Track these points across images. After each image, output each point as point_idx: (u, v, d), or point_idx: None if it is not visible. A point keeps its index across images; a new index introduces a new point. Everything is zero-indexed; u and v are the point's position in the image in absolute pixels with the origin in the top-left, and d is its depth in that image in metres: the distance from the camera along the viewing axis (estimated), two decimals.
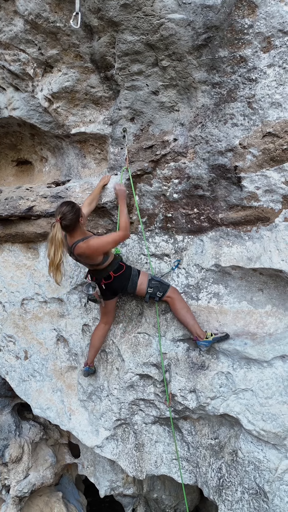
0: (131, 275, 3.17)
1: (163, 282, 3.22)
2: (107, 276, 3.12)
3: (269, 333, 2.99)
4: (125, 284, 3.18)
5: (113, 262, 3.13)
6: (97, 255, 2.92)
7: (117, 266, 3.14)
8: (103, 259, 3.01)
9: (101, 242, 2.90)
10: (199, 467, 3.44)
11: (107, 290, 3.23)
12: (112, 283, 3.16)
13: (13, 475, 5.32)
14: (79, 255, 2.91)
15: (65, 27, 2.91)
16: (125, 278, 3.16)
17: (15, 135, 4.12)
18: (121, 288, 3.23)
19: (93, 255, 2.90)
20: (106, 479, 5.03)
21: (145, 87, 2.97)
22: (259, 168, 2.77)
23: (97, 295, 3.16)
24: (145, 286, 3.17)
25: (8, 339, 4.61)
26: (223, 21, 2.55)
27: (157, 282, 3.19)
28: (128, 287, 3.19)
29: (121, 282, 3.17)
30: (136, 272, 3.21)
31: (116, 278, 3.14)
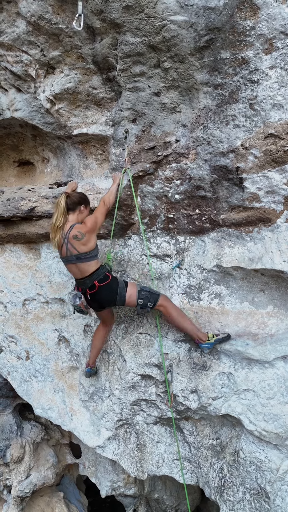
0: (118, 288, 3.06)
1: (152, 291, 3.13)
2: (91, 285, 3.05)
3: (271, 334, 3.00)
4: (113, 298, 3.08)
5: (99, 270, 3.07)
6: (91, 233, 2.99)
7: (103, 276, 3.07)
8: (94, 248, 3.06)
9: (93, 217, 3.04)
10: (201, 468, 3.44)
11: (93, 302, 3.16)
12: (96, 294, 3.08)
13: (15, 475, 5.33)
14: (75, 236, 2.96)
15: (67, 29, 2.92)
16: (111, 290, 3.06)
17: (17, 136, 4.13)
18: (108, 302, 3.15)
19: (89, 233, 2.97)
20: (107, 479, 5.04)
21: (147, 88, 2.97)
22: (261, 169, 2.78)
23: (83, 305, 3.11)
24: (135, 298, 3.07)
25: (10, 339, 4.61)
26: (225, 23, 2.56)
27: (147, 292, 3.10)
28: (117, 301, 3.09)
29: (107, 295, 3.08)
30: (123, 284, 3.10)
31: (101, 289, 3.05)
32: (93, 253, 3.07)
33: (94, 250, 3.08)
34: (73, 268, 3.11)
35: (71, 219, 3.07)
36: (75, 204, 3.08)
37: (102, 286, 3.05)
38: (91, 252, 3.04)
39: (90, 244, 3.03)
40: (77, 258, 3.03)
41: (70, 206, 3.07)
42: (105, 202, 3.15)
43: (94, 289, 3.05)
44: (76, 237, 2.98)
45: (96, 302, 3.16)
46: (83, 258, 3.03)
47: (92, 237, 3.03)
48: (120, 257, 3.69)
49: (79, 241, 2.98)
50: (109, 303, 3.19)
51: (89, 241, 3.02)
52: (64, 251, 3.06)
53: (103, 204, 3.14)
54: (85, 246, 3.00)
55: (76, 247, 2.99)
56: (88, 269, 3.05)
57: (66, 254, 3.07)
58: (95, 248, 3.11)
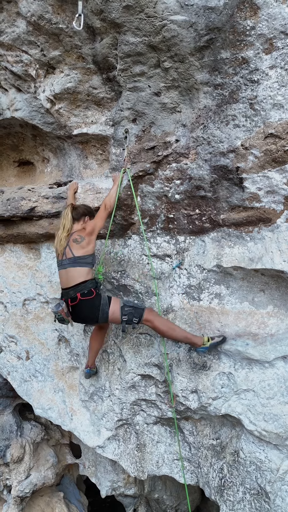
0: (100, 305, 2.99)
1: (136, 306, 3.06)
2: (74, 297, 2.99)
3: (271, 334, 3.00)
4: (95, 315, 3.00)
5: (86, 283, 3.01)
6: (90, 236, 3.07)
7: (87, 290, 2.99)
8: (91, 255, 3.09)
9: (92, 222, 3.15)
10: (201, 468, 3.44)
11: (74, 315, 3.08)
12: (77, 307, 3.01)
13: (15, 475, 5.33)
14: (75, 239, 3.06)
15: (67, 29, 2.92)
16: (93, 306, 2.99)
17: (17, 136, 4.13)
18: (89, 318, 3.10)
19: (90, 233, 3.07)
20: (107, 480, 5.04)
21: (147, 88, 2.97)
22: (261, 169, 2.78)
23: (64, 313, 2.99)
24: (119, 315, 3.00)
25: (10, 339, 4.62)
26: (225, 23, 2.56)
27: (130, 308, 3.02)
28: (99, 318, 3.01)
29: (88, 311, 3.01)
30: (107, 300, 3.02)
31: (82, 303, 2.98)
32: (88, 259, 3.07)
33: (90, 256, 3.08)
34: (63, 275, 3.09)
35: (75, 228, 3.16)
36: (80, 215, 3.21)
37: (84, 300, 2.97)
38: (86, 257, 3.05)
39: (88, 248, 3.05)
40: (70, 262, 3.03)
41: (75, 217, 3.19)
42: (106, 206, 3.19)
43: (75, 301, 2.98)
44: (76, 240, 3.06)
45: (77, 316, 3.08)
46: (76, 262, 3.02)
47: (91, 240, 3.07)
48: (120, 257, 3.69)
49: (78, 244, 3.04)
50: (91, 320, 3.12)
51: (88, 245, 3.05)
52: (61, 255, 3.09)
53: (104, 208, 3.18)
54: (83, 249, 3.04)
55: (73, 250, 3.04)
56: (76, 277, 3.00)
57: (61, 258, 3.09)
58: (92, 255, 3.11)
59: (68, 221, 3.13)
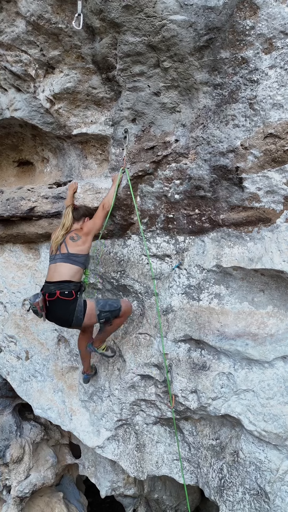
0: (75, 311, 2.93)
1: (113, 309, 3.04)
2: (52, 293, 2.93)
3: (271, 334, 2.99)
4: (68, 318, 2.96)
5: (71, 283, 2.97)
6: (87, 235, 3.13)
7: (68, 291, 2.94)
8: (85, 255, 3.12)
9: (91, 222, 3.22)
10: (200, 468, 3.44)
11: (49, 315, 3.01)
12: (52, 305, 2.95)
13: (14, 475, 5.32)
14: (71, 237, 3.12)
15: (67, 28, 2.92)
16: (67, 309, 2.94)
17: (16, 135, 4.13)
18: (62, 321, 3.04)
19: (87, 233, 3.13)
20: (107, 480, 5.04)
21: (147, 88, 2.97)
22: (261, 169, 2.77)
23: (39, 306, 2.93)
24: (95, 320, 3.04)
25: (9, 339, 4.61)
26: (225, 23, 2.56)
27: (107, 312, 3.02)
28: (73, 323, 2.98)
29: (62, 312, 2.96)
30: (82, 307, 2.97)
31: (58, 301, 2.92)
32: (81, 259, 3.07)
33: (84, 256, 3.09)
34: (52, 269, 3.07)
35: (74, 227, 3.25)
36: (81, 215, 3.30)
37: (61, 300, 2.92)
38: (79, 256, 3.06)
39: (83, 247, 3.08)
40: (63, 257, 3.04)
41: (76, 217, 3.27)
42: (105, 206, 3.24)
43: (53, 297, 2.93)
44: (72, 238, 3.11)
45: (50, 315, 3.02)
46: (68, 258, 3.03)
47: (87, 240, 3.11)
48: (119, 257, 3.68)
49: (74, 242, 3.08)
50: (64, 323, 3.07)
51: (83, 244, 3.09)
52: (55, 250, 3.10)
53: (102, 208, 3.23)
54: (78, 247, 3.06)
55: (68, 246, 3.07)
56: (64, 273, 2.98)
57: (55, 253, 3.10)
58: (86, 256, 3.12)
59: (69, 221, 3.20)
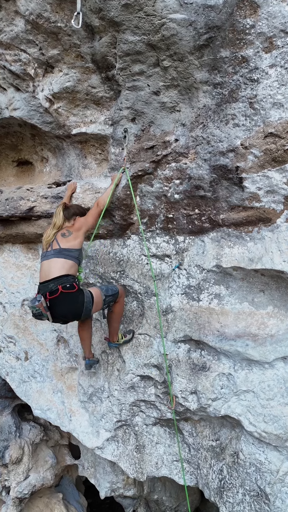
0: (84, 302, 2.92)
1: (114, 293, 3.21)
2: (54, 290, 2.86)
3: (271, 335, 2.98)
4: (78, 311, 2.94)
5: (69, 277, 2.94)
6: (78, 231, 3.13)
7: (70, 284, 2.89)
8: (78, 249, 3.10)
9: (83, 219, 3.24)
10: (200, 469, 3.42)
11: (53, 310, 2.91)
12: (57, 301, 2.87)
13: (13, 476, 5.31)
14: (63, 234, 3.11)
15: (66, 27, 2.90)
16: (75, 301, 2.90)
17: (15, 135, 4.11)
18: (72, 314, 3.00)
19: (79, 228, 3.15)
20: (106, 481, 5.02)
21: (146, 87, 2.96)
22: (261, 169, 2.76)
23: (42, 306, 2.84)
24: (101, 306, 3.13)
25: (9, 339, 4.60)
26: (225, 21, 2.54)
27: (110, 296, 3.16)
28: (83, 315, 2.98)
29: (70, 306, 2.91)
30: (90, 298, 2.97)
31: (64, 296, 2.85)
32: (74, 253, 3.05)
33: (76, 250, 3.07)
34: (45, 266, 3.01)
35: (66, 225, 3.23)
36: (71, 214, 3.26)
37: (65, 294, 2.86)
38: (72, 251, 3.04)
39: (74, 242, 3.07)
40: (56, 252, 3.01)
41: (67, 216, 3.25)
42: (99, 204, 3.25)
43: (56, 294, 2.85)
44: (64, 234, 3.11)
45: (57, 313, 2.93)
46: (61, 253, 3.00)
47: (78, 235, 3.10)
48: (119, 257, 3.67)
49: (65, 238, 3.08)
50: (74, 316, 3.03)
51: (75, 239, 3.08)
52: (47, 247, 3.10)
53: (96, 206, 3.26)
54: (69, 243, 3.05)
55: (59, 242, 3.06)
56: (59, 269, 2.93)
57: (47, 249, 3.09)
58: (79, 250, 3.10)
59: (60, 220, 3.18)
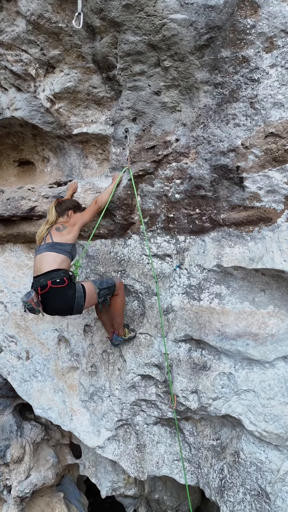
0: (75, 297, 2.88)
1: (110, 285, 3.13)
2: (44, 285, 2.85)
3: (271, 334, 2.98)
4: (69, 305, 2.90)
5: (59, 271, 2.90)
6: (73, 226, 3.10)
7: (60, 279, 2.86)
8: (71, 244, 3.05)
9: (79, 214, 3.22)
10: (201, 468, 3.43)
11: (47, 307, 2.92)
12: (48, 296, 2.86)
13: (15, 475, 5.32)
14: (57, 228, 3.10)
15: (67, 28, 2.91)
16: (65, 297, 2.87)
17: (17, 135, 4.12)
18: (62, 310, 2.97)
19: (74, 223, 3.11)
20: (107, 480, 5.03)
21: (147, 87, 2.96)
22: (262, 169, 2.76)
23: (33, 302, 2.83)
24: (96, 300, 3.05)
25: (10, 339, 4.61)
26: (226, 21, 2.55)
27: (106, 289, 3.09)
28: (74, 310, 2.93)
29: (60, 301, 2.89)
30: (82, 293, 2.92)
31: (53, 291, 2.83)
32: (67, 248, 3.01)
33: (69, 245, 3.04)
34: (38, 260, 3.01)
35: (60, 221, 3.21)
36: (64, 209, 3.23)
37: (55, 289, 2.83)
38: (65, 245, 3.01)
39: (68, 237, 3.05)
40: (48, 246, 3.00)
41: (59, 211, 3.23)
42: (97, 201, 3.22)
43: (45, 289, 2.84)
44: (58, 228, 3.10)
45: (48, 307, 2.92)
46: (53, 247, 2.98)
47: (72, 230, 3.08)
48: (120, 257, 3.68)
49: (59, 232, 3.07)
50: (64, 312, 2.99)
51: (68, 233, 3.06)
52: (40, 241, 3.10)
53: (94, 203, 3.21)
54: (62, 237, 3.03)
55: (53, 236, 3.05)
56: (50, 263, 2.91)
57: (40, 244, 3.09)
58: (72, 245, 3.06)
59: (52, 216, 3.17)
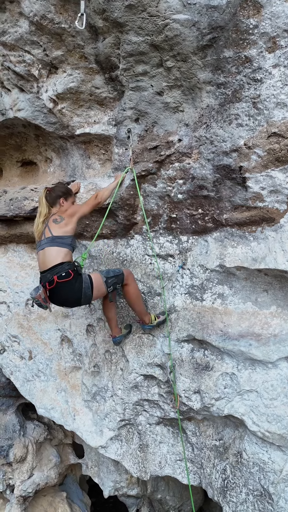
0: (82, 288, 2.88)
1: (117, 274, 3.09)
2: (51, 280, 2.86)
3: (274, 334, 2.98)
4: (77, 297, 2.91)
5: (63, 264, 2.90)
6: (71, 217, 3.03)
7: (65, 272, 2.86)
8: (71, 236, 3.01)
9: (76, 206, 3.17)
10: (204, 468, 3.43)
11: (55, 299, 2.95)
12: (55, 291, 2.88)
13: (18, 475, 5.33)
14: (54, 219, 3.03)
15: (70, 28, 2.92)
16: (72, 289, 2.88)
17: (20, 136, 4.13)
18: (70, 302, 3.00)
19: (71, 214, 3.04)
20: (110, 480, 5.03)
21: (150, 87, 2.97)
22: (264, 169, 2.76)
23: (41, 298, 2.85)
24: (104, 291, 3.03)
25: (13, 339, 4.62)
26: (228, 22, 2.55)
27: (113, 277, 3.05)
28: (82, 301, 2.94)
29: (68, 294, 2.90)
30: (89, 283, 2.92)
31: (60, 286, 2.85)
32: (67, 240, 2.98)
33: (69, 237, 3.00)
34: (41, 256, 3.00)
35: (54, 211, 3.14)
36: (55, 198, 3.15)
37: (62, 283, 2.84)
38: (65, 238, 2.97)
39: (67, 229, 2.99)
40: (48, 241, 2.96)
41: (50, 201, 3.17)
42: (98, 196, 3.15)
43: (52, 285, 2.86)
44: (56, 220, 3.02)
45: (56, 300, 2.96)
46: (54, 242, 2.94)
47: (70, 222, 3.01)
48: (122, 257, 3.68)
49: (57, 224, 3.00)
50: (72, 303, 3.03)
51: (67, 225, 3.00)
52: (40, 235, 3.04)
53: (95, 197, 3.15)
54: (61, 229, 2.98)
55: (52, 229, 2.99)
56: (54, 258, 2.91)
57: (40, 238, 3.04)
58: (72, 237, 3.03)
59: (44, 207, 3.10)
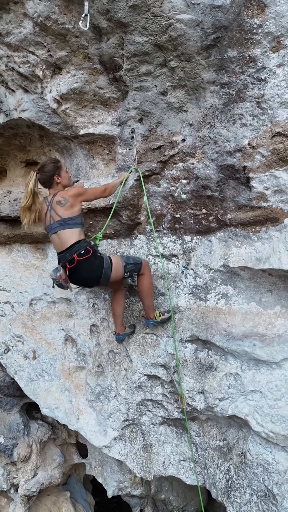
0: (103, 268, 2.92)
1: (136, 261, 3.12)
2: (71, 259, 2.88)
3: (278, 335, 2.97)
4: (96, 275, 2.94)
5: (80, 243, 2.93)
6: (76, 198, 2.96)
7: (84, 250, 2.89)
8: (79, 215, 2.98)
9: (80, 188, 3.07)
10: (207, 469, 3.43)
11: (73, 278, 2.98)
12: (76, 269, 2.91)
13: (22, 474, 5.35)
14: (58, 201, 2.94)
15: (74, 29, 2.93)
16: (92, 267, 2.91)
17: (24, 136, 4.15)
18: (90, 279, 3.01)
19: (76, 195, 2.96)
20: (113, 480, 5.04)
21: (154, 87, 2.97)
22: (268, 169, 2.75)
23: (61, 279, 2.89)
24: (122, 273, 3.03)
25: (17, 339, 4.64)
26: (232, 21, 2.54)
27: (132, 264, 3.07)
28: (101, 280, 2.96)
29: (88, 271, 2.93)
30: (109, 264, 2.96)
31: (80, 263, 2.88)
32: (77, 220, 2.99)
33: (78, 216, 3.00)
34: (56, 239, 3.01)
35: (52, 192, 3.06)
36: (49, 177, 3.05)
37: (82, 261, 2.87)
38: (74, 218, 2.97)
39: (74, 210, 2.97)
40: (60, 224, 2.95)
41: (46, 183, 3.07)
42: (106, 190, 3.16)
43: (73, 263, 2.88)
44: (60, 202, 2.95)
45: (76, 279, 2.99)
46: (66, 224, 2.94)
47: (76, 202, 2.97)
48: None
49: (62, 207, 2.94)
50: (91, 282, 3.06)
51: (73, 207, 2.96)
52: (48, 220, 3.02)
53: (103, 190, 3.14)
54: (68, 211, 2.95)
55: (58, 212, 2.95)
56: (69, 238, 2.93)
57: (49, 222, 3.01)
58: (80, 216, 3.03)
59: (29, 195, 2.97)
